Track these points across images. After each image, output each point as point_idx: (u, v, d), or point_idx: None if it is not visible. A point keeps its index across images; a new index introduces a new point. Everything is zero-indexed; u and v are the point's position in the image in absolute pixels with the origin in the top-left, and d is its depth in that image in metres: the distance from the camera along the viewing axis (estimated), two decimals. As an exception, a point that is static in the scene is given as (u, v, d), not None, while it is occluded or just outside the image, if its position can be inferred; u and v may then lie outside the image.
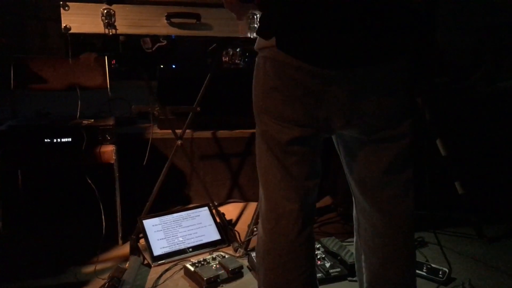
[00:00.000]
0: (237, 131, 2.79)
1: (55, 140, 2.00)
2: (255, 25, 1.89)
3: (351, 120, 0.97)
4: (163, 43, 1.99)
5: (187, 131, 2.33)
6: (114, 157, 2.06)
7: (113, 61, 2.72)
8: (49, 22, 3.92)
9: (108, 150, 2.06)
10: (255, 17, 1.88)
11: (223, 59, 3.43)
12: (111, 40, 2.16)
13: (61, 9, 1.71)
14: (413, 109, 0.98)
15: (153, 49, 1.99)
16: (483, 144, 2.69)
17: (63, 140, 2.01)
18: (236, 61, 3.39)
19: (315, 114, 0.96)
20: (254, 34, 1.91)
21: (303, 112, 0.96)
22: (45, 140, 2.00)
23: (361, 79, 0.92)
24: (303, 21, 0.89)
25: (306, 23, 0.89)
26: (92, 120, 2.12)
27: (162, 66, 3.31)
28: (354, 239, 1.23)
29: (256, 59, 1.04)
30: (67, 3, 1.71)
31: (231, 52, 3.45)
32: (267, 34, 0.96)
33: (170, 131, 2.22)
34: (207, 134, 2.73)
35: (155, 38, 1.92)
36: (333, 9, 0.87)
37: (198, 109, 2.22)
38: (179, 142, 2.16)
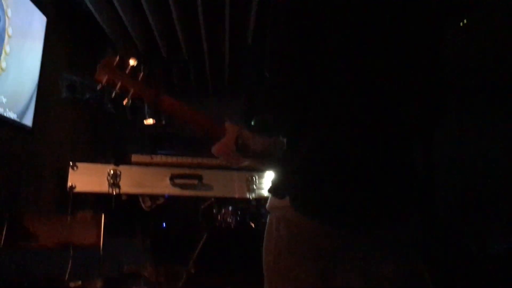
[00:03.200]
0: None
1: (38, 304, 1.85)
2: (254, 186, 1.97)
3: (366, 280, 0.95)
4: (161, 202, 2.03)
5: (178, 294, 2.19)
6: (98, 325, 1.89)
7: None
8: (44, 177, 4.01)
9: (93, 316, 1.90)
10: (254, 178, 1.97)
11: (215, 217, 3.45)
12: (107, 198, 2.19)
13: (70, 169, 1.78)
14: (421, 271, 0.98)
15: (152, 207, 2.02)
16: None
17: (46, 304, 1.86)
18: (228, 219, 3.40)
19: (330, 276, 0.93)
20: (253, 195, 1.97)
21: (317, 274, 0.93)
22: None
23: (375, 241, 0.93)
24: (319, 183, 0.91)
25: (322, 185, 0.91)
26: (80, 282, 2.00)
27: (155, 224, 3.30)
28: None
29: (268, 219, 1.03)
30: (76, 163, 1.79)
31: (223, 211, 3.50)
32: (281, 194, 0.96)
33: (161, 294, 2.10)
34: (198, 297, 2.56)
35: (155, 197, 1.97)
36: (345, 172, 0.91)
37: (193, 270, 2.14)
38: (170, 307, 2.02)
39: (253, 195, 1.96)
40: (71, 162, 1.78)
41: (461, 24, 3.11)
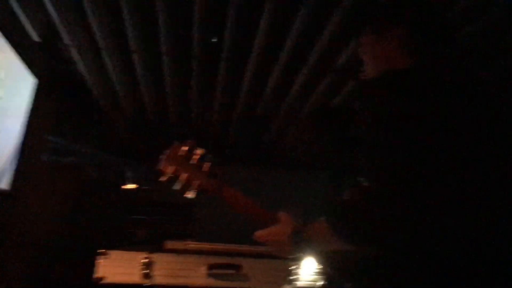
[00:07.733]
0: None
1: None
2: (293, 277, 1.86)
3: None
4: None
5: None
6: None
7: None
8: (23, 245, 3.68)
9: None
10: (293, 268, 1.87)
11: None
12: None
13: (100, 258, 1.60)
14: None
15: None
16: None
17: None
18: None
19: None
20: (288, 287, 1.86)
21: None
22: None
23: None
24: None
25: None
26: None
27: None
28: None
29: None
30: (108, 250, 1.61)
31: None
32: None
33: None
34: None
35: None
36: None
37: None
38: None
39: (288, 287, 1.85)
40: (102, 250, 1.59)
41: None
